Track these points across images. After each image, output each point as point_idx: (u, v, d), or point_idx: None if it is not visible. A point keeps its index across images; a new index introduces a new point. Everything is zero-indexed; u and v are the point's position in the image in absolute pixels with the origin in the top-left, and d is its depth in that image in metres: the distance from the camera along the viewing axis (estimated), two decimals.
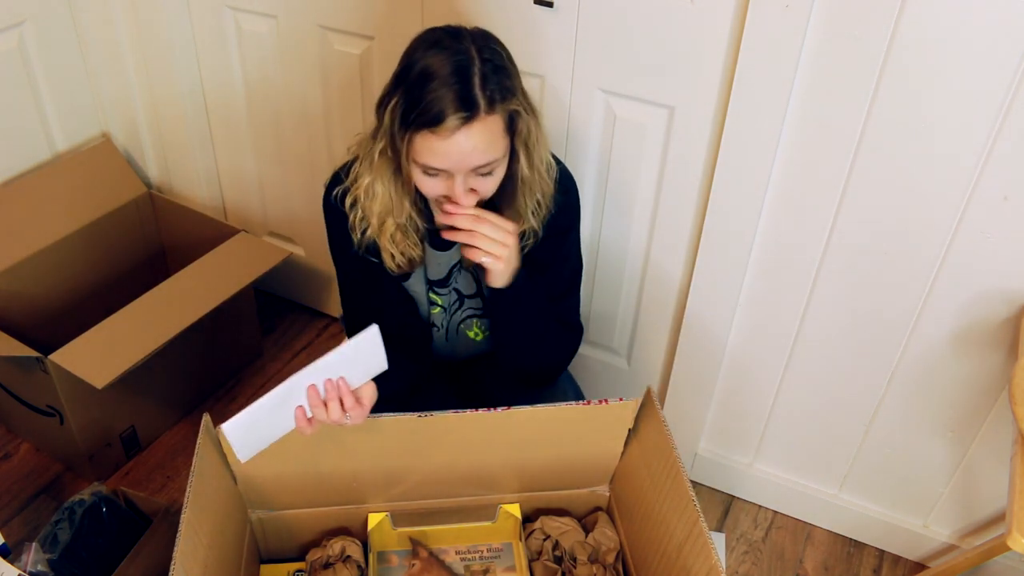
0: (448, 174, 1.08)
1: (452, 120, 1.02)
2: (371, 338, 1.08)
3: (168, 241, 2.06)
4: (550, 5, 1.37)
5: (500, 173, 1.13)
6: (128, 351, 1.53)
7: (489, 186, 1.13)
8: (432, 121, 1.03)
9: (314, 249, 2.03)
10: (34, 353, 1.52)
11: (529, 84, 1.46)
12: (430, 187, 1.11)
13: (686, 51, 1.31)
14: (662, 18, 1.30)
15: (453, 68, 1.03)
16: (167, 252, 2.08)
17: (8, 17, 1.74)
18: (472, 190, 1.11)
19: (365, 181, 1.16)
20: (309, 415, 1.11)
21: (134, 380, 1.56)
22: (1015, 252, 1.26)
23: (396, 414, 1.17)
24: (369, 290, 1.28)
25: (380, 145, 1.12)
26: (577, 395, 1.37)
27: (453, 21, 1.13)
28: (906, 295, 1.37)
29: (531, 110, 1.12)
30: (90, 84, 1.94)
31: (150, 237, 2.04)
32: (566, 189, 1.25)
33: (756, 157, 1.33)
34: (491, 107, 1.04)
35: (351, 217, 1.20)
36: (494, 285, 1.18)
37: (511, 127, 1.09)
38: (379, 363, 1.12)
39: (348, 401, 1.10)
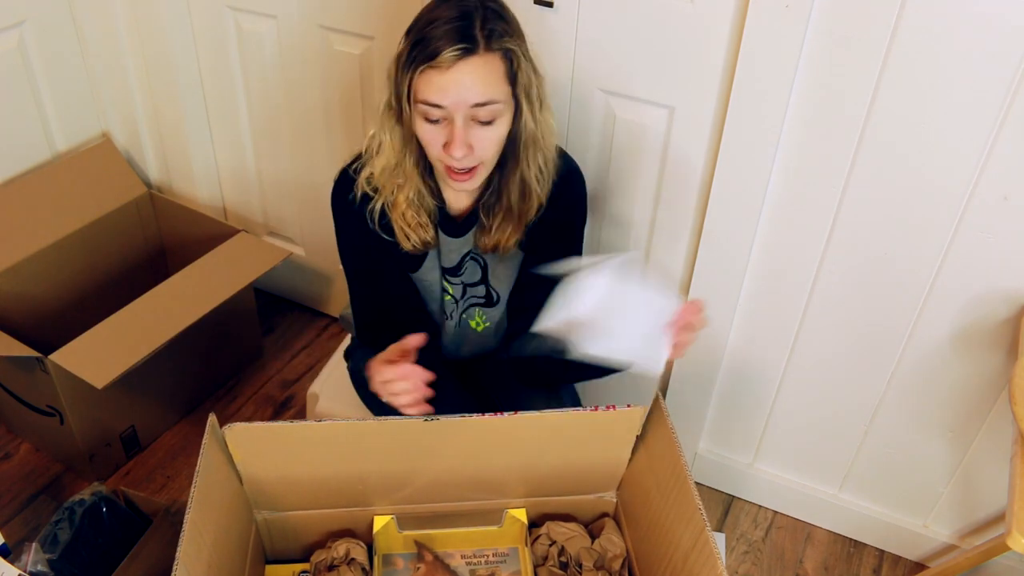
0: (448, 120, 1.09)
1: (450, 52, 1.05)
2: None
3: (168, 241, 2.05)
4: (550, 5, 1.37)
5: (501, 128, 1.13)
6: (128, 351, 1.53)
7: (490, 139, 1.12)
8: (431, 55, 1.05)
9: (314, 249, 2.03)
10: (34, 353, 1.52)
11: None
12: (431, 136, 1.12)
13: (686, 51, 1.31)
14: (662, 18, 1.30)
15: (456, 12, 1.07)
16: (167, 252, 2.07)
17: (8, 17, 1.74)
18: (470, 146, 1.11)
19: (371, 133, 1.20)
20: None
21: (134, 380, 1.56)
22: (1015, 252, 1.26)
23: (402, 417, 1.17)
24: (377, 285, 1.29)
25: (386, 96, 1.15)
26: (573, 399, 1.37)
27: None
28: (906, 295, 1.37)
29: (532, 63, 1.14)
30: (90, 84, 1.94)
31: (150, 237, 2.04)
32: (579, 179, 1.28)
33: (756, 157, 1.33)
34: (489, 44, 1.07)
35: (359, 181, 1.21)
36: None
37: (511, 73, 1.10)
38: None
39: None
